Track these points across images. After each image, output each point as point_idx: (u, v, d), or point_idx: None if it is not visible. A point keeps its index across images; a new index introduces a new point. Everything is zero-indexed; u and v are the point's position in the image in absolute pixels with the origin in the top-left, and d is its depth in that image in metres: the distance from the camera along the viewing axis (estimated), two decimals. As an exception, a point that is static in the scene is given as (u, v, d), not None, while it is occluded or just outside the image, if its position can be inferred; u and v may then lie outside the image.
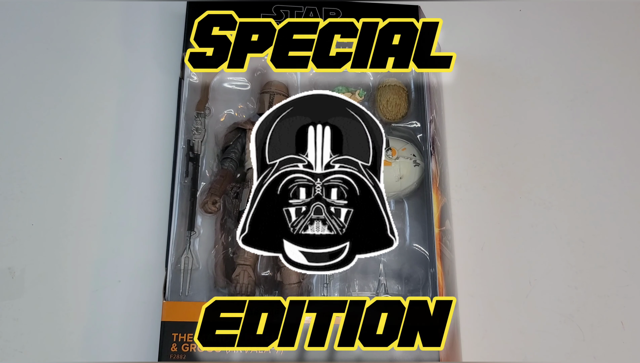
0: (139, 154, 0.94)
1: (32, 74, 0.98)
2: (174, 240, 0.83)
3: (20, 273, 0.88)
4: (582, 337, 0.90)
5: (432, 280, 0.84)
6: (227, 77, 0.95)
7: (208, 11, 0.88)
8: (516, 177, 0.98)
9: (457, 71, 1.01)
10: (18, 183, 0.92)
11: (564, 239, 0.95)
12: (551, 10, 1.08)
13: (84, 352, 0.85)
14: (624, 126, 1.02)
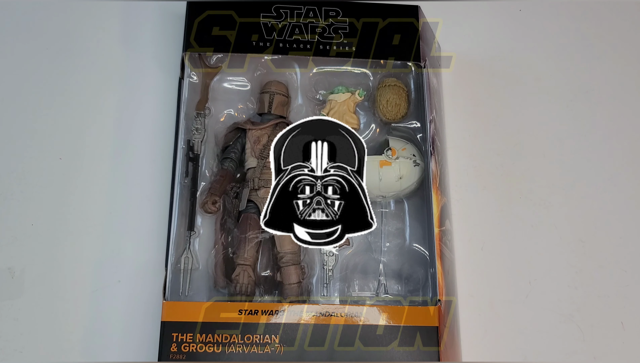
0: (139, 154, 0.94)
1: (32, 73, 0.98)
2: (174, 240, 0.83)
3: (20, 273, 0.88)
4: (582, 337, 0.90)
5: (432, 280, 0.84)
6: (227, 77, 0.95)
7: (208, 11, 0.88)
8: (516, 177, 0.98)
9: (457, 71, 1.01)
10: (18, 183, 0.92)
11: (564, 239, 0.95)
12: (551, 10, 1.08)
13: (84, 352, 0.85)
14: (624, 125, 1.02)
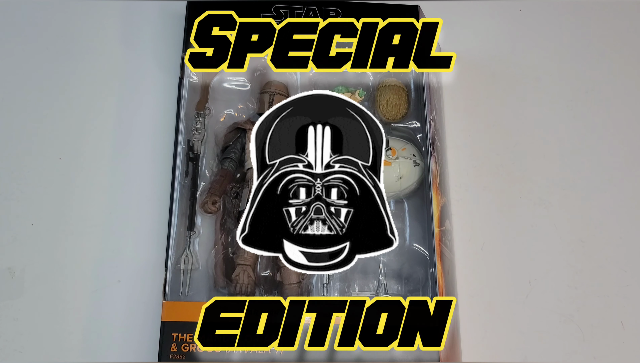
0: (138, 154, 0.94)
1: (31, 73, 0.98)
2: (174, 240, 0.83)
3: (20, 273, 0.88)
4: (582, 337, 0.90)
5: (432, 280, 0.84)
6: (227, 77, 0.95)
7: (208, 11, 0.88)
8: (516, 177, 0.98)
9: (457, 71, 1.01)
10: (18, 183, 0.92)
11: (564, 239, 0.95)
12: (551, 10, 1.08)
13: (84, 352, 0.85)
14: (624, 125, 1.02)
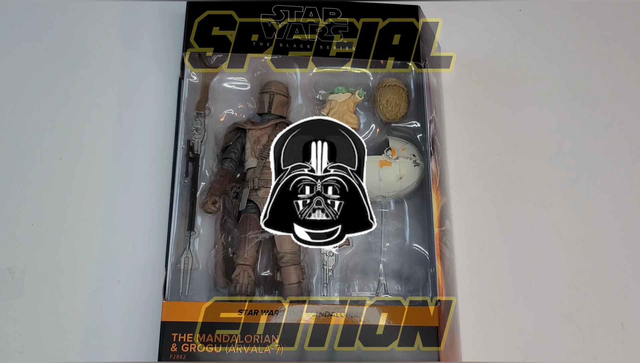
0: (138, 154, 0.94)
1: (31, 73, 0.98)
2: (174, 240, 0.83)
3: (20, 273, 0.88)
4: (582, 337, 0.90)
5: (432, 280, 0.84)
6: (227, 77, 0.95)
7: (208, 11, 0.88)
8: (516, 177, 0.98)
9: (457, 71, 1.01)
10: (18, 183, 0.92)
11: (564, 239, 0.95)
12: (551, 10, 1.08)
13: (84, 352, 0.85)
14: (624, 125, 1.02)
